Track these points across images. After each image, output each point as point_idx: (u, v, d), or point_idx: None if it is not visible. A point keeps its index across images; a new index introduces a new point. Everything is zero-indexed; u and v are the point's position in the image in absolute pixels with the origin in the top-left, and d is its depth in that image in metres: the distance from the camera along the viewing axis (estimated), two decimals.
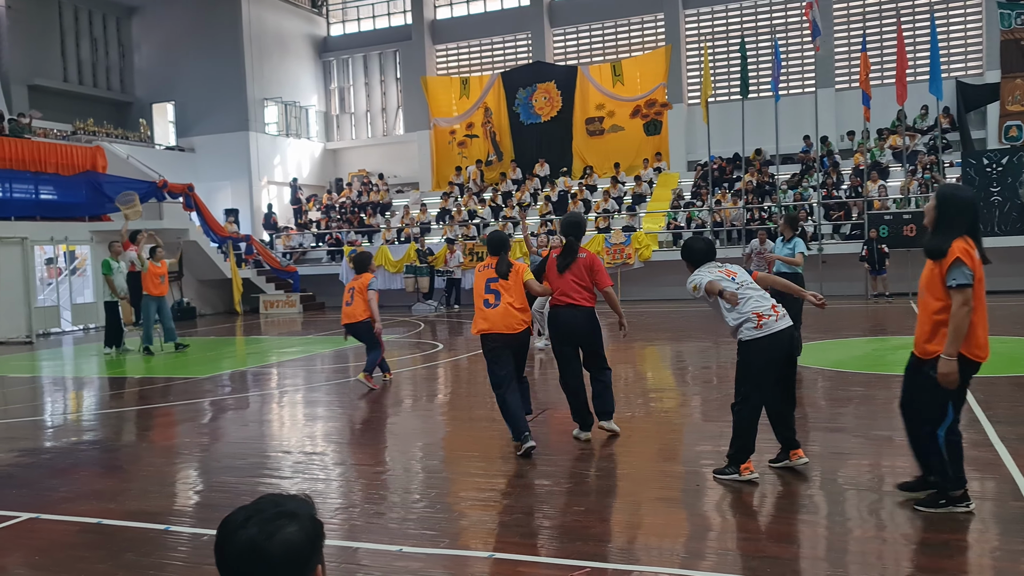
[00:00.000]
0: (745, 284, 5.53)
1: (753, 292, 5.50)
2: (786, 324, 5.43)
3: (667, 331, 15.49)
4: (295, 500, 1.69)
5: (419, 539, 4.70)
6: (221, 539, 1.63)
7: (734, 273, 5.60)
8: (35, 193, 20.11)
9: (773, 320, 5.39)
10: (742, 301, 5.43)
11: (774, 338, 5.36)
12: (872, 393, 8.37)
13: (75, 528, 5.19)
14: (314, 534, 1.65)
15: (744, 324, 5.42)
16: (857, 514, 4.84)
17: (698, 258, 5.77)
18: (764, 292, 5.57)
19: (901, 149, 21.97)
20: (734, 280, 5.53)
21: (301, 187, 29.40)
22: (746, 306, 5.42)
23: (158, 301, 14.46)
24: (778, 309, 5.46)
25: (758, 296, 5.49)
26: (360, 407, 9.16)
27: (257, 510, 1.64)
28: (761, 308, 5.41)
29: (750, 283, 5.57)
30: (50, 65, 26.25)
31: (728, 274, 5.59)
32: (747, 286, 5.52)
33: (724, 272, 5.61)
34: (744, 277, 5.60)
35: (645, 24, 27.65)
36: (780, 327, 5.39)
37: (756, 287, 5.57)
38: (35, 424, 8.91)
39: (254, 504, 1.67)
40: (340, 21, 32.43)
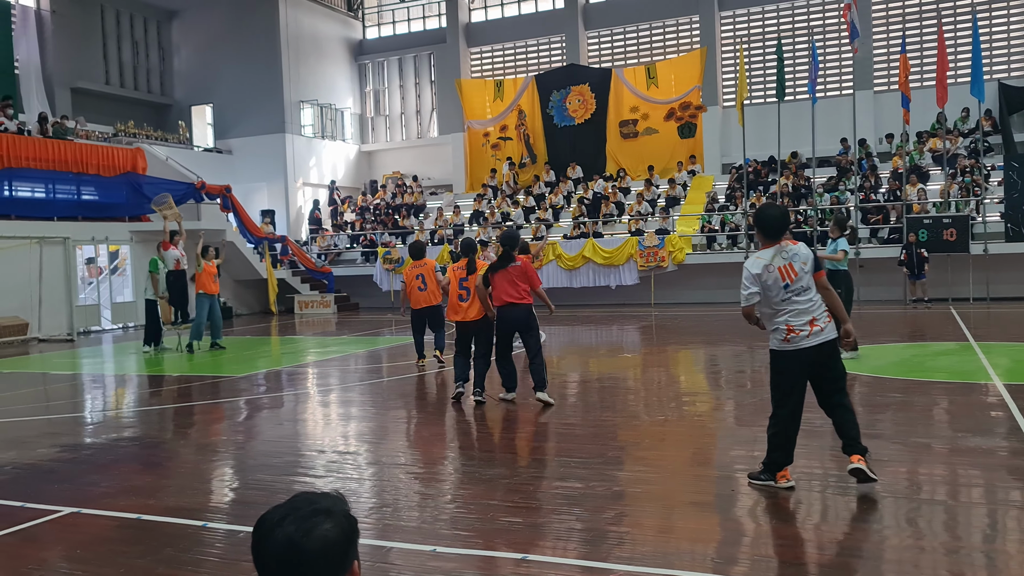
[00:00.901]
0: (799, 289, 5.29)
1: (799, 302, 5.28)
2: (818, 341, 5.25)
3: (701, 334, 15.39)
4: (329, 498, 1.71)
5: (452, 540, 4.72)
6: (258, 537, 1.66)
7: (795, 274, 5.29)
8: (77, 194, 20.53)
9: (804, 336, 5.24)
10: (781, 311, 5.30)
11: (798, 354, 5.27)
12: (911, 399, 8.24)
13: (115, 523, 5.29)
14: (350, 531, 1.67)
15: (775, 333, 5.36)
16: (894, 521, 4.78)
17: (770, 228, 5.41)
18: (811, 303, 5.29)
19: (941, 152, 21.62)
20: (789, 285, 5.27)
21: (338, 188, 29.67)
22: (781, 316, 5.30)
23: (211, 299, 14.73)
24: (817, 324, 5.25)
25: (801, 308, 5.27)
26: (393, 407, 9.22)
27: (293, 508, 1.67)
28: (796, 322, 5.26)
29: (804, 289, 5.29)
30: (92, 68, 26.76)
31: (787, 274, 5.28)
32: (799, 291, 5.29)
33: (786, 268, 5.29)
34: (802, 282, 5.30)
35: (680, 26, 27.50)
36: (808, 344, 5.24)
37: (806, 296, 5.29)
38: (76, 420, 9.10)
39: (290, 502, 1.69)
40: (375, 24, 32.69)
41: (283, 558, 1.61)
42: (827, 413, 5.48)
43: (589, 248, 22.22)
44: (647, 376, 11.03)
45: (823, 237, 20.83)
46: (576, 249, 22.45)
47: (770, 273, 5.29)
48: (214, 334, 15.02)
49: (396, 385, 10.67)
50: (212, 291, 14.79)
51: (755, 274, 5.32)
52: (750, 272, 5.34)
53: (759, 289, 5.32)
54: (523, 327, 8.76)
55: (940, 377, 9.47)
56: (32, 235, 18.27)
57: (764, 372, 10.67)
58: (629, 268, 21.92)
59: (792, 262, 5.31)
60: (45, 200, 19.80)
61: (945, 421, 7.44)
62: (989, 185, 20.65)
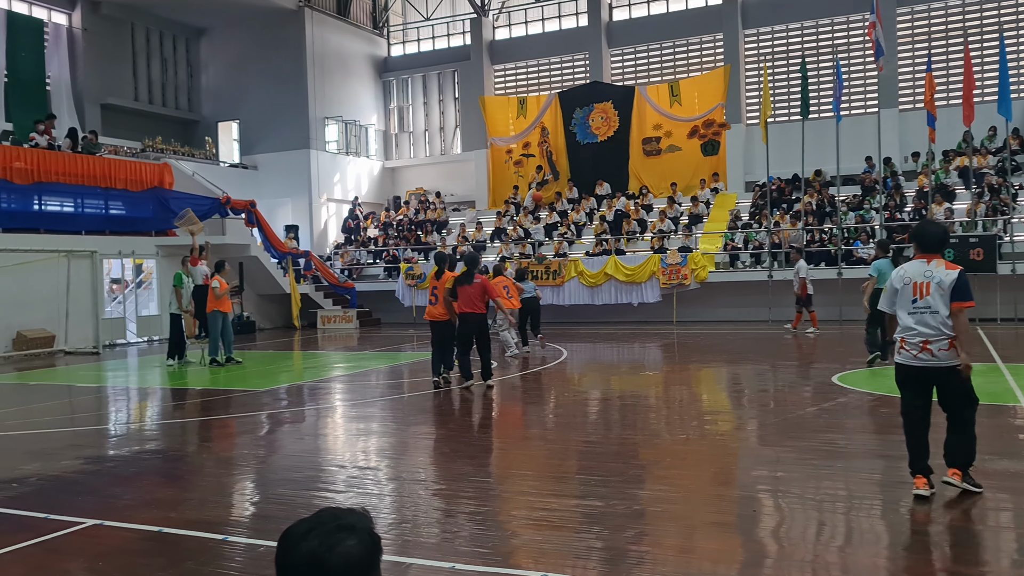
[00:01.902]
0: (923, 308, 5.47)
1: (919, 320, 5.46)
2: (924, 363, 5.47)
3: (723, 353, 15.29)
4: (354, 514, 1.71)
5: (471, 556, 4.70)
6: (282, 551, 1.66)
7: (927, 293, 5.46)
8: (105, 208, 20.83)
9: (911, 355, 5.52)
10: (904, 322, 5.56)
11: (904, 368, 5.61)
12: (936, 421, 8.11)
13: (137, 535, 5.32)
14: (373, 548, 1.67)
15: (896, 340, 5.69)
16: (920, 546, 4.70)
17: (923, 241, 5.64)
18: (929, 326, 5.43)
19: (967, 171, 21.40)
20: (916, 301, 5.49)
21: (360, 204, 29.87)
22: (901, 328, 5.59)
23: (224, 316, 14.88)
24: (928, 348, 5.44)
25: (919, 328, 5.46)
26: (414, 423, 9.22)
27: (318, 523, 1.67)
28: (909, 338, 5.51)
29: (931, 311, 5.44)
30: (122, 85, 27.21)
31: (919, 291, 5.48)
32: (922, 310, 5.47)
33: (920, 286, 5.49)
34: (929, 301, 5.44)
35: (704, 44, 27.52)
36: (915, 363, 5.51)
37: (930, 317, 5.43)
38: (100, 433, 9.18)
39: (314, 517, 1.70)
40: (400, 42, 32.99)
41: (306, 573, 1.62)
42: (948, 428, 5.68)
43: (611, 265, 22.18)
44: (669, 394, 10.96)
45: (847, 256, 20.69)
46: (598, 266, 22.41)
47: (905, 285, 5.57)
48: (227, 349, 15.11)
49: (417, 401, 10.68)
50: (226, 309, 14.99)
51: (896, 282, 5.66)
52: (892, 280, 5.72)
53: (892, 297, 5.67)
54: (478, 332, 11.12)
55: None
56: (60, 248, 18.54)
57: (787, 392, 10.60)
58: (651, 285, 21.84)
59: (930, 282, 5.47)
60: (73, 214, 20.10)
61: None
62: (1017, 204, 20.40)
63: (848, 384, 10.46)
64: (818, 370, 11.98)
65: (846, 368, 11.93)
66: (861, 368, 11.96)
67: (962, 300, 5.43)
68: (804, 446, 7.21)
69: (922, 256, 5.62)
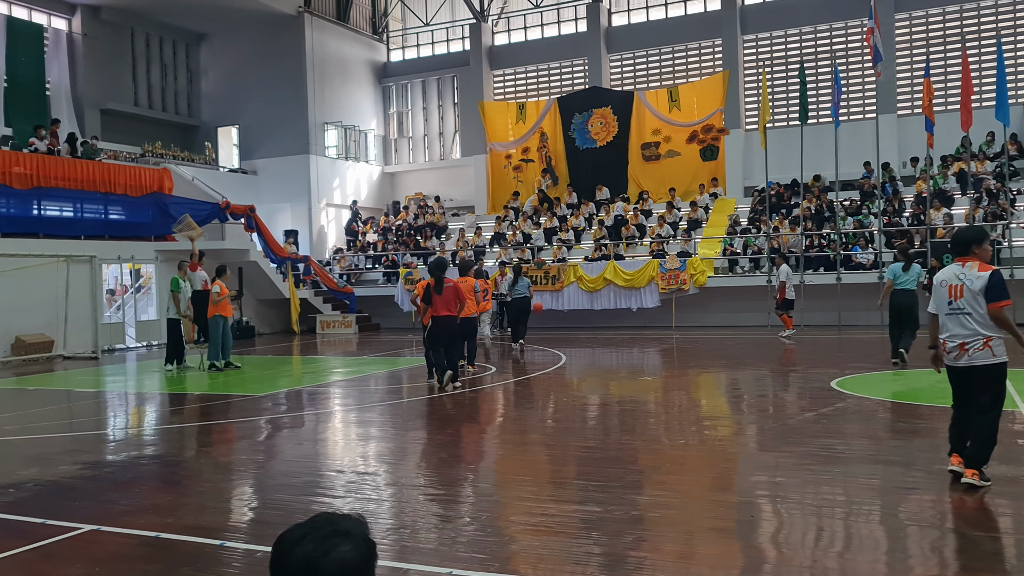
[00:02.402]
0: (957, 311, 5.81)
1: (955, 321, 5.81)
2: (965, 364, 5.80)
3: (722, 358, 15.28)
4: (350, 520, 1.71)
5: (469, 562, 4.70)
6: (277, 555, 1.66)
7: (960, 296, 5.79)
8: (104, 213, 20.83)
9: (952, 358, 5.88)
10: (943, 325, 5.94)
11: (949, 369, 5.99)
12: (935, 426, 8.12)
13: (134, 541, 5.31)
14: (368, 554, 1.67)
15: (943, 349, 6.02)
16: (919, 551, 4.70)
17: (957, 247, 6.01)
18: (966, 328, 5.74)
19: (966, 176, 21.42)
20: (952, 303, 5.83)
21: (359, 210, 29.87)
22: (943, 331, 5.97)
23: (225, 321, 14.92)
24: (967, 349, 5.76)
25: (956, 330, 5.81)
26: (413, 428, 9.21)
27: (313, 527, 1.67)
28: (948, 340, 5.88)
29: (964, 311, 5.77)
30: (122, 90, 27.22)
31: (953, 293, 5.83)
32: (958, 311, 5.80)
33: (954, 288, 5.82)
34: (964, 303, 5.77)
35: (703, 49, 27.56)
36: (956, 364, 5.87)
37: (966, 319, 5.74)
38: (98, 438, 9.17)
39: (309, 522, 1.69)
40: (400, 47, 33.04)
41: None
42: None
43: (610, 270, 22.18)
44: (668, 399, 10.96)
45: (846, 261, 20.70)
46: (597, 271, 22.42)
47: (942, 287, 5.94)
48: (225, 354, 15.10)
49: (416, 406, 10.68)
50: (227, 313, 15.02)
51: (936, 285, 6.02)
52: (935, 283, 6.07)
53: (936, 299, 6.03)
54: (457, 333, 11.88)
55: None
56: (59, 253, 18.53)
57: (786, 397, 10.60)
58: (650, 291, 21.84)
59: (963, 284, 5.79)
60: (73, 219, 20.10)
61: None
62: (1015, 210, 20.41)
63: (847, 389, 10.46)
64: (817, 375, 11.98)
65: (845, 373, 11.92)
66: (860, 372, 11.96)
67: (996, 300, 5.65)
68: (803, 451, 7.20)
69: (958, 260, 5.95)
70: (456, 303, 11.73)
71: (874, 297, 20.00)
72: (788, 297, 18.38)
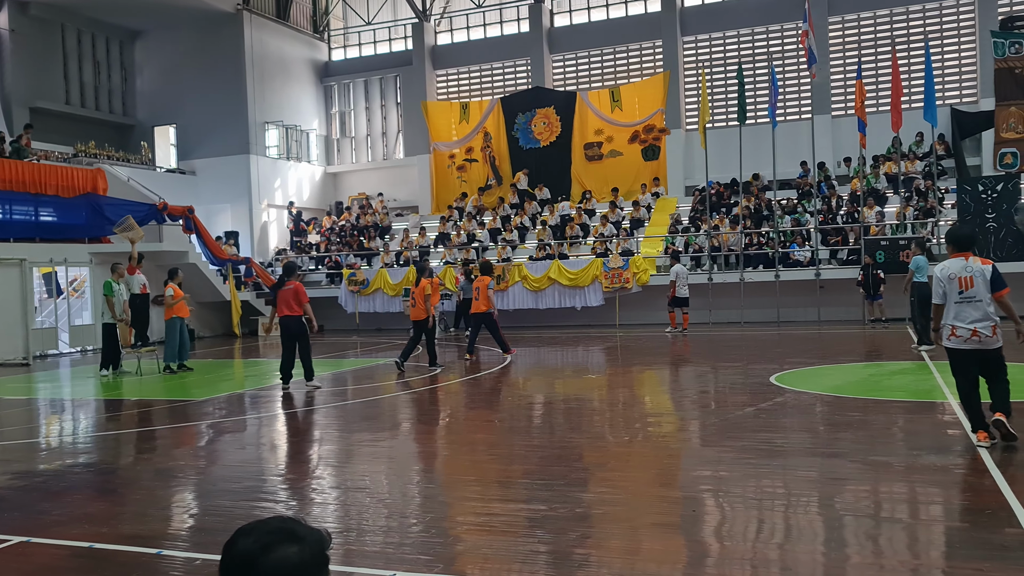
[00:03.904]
0: (970, 299, 6.63)
1: (968, 308, 6.62)
2: (973, 347, 6.64)
3: (665, 355, 15.48)
4: (308, 529, 1.67)
5: (414, 564, 4.67)
6: (225, 548, 1.63)
7: (971, 285, 6.62)
8: (35, 215, 20.15)
9: (962, 340, 6.66)
10: (951, 312, 6.69)
11: (957, 352, 6.76)
12: (869, 418, 8.35)
13: (66, 552, 5.15)
14: (313, 564, 1.62)
15: (944, 328, 6.81)
16: (856, 540, 4.82)
17: (959, 241, 6.88)
18: (977, 312, 6.58)
19: (896, 175, 22.09)
20: (963, 292, 6.63)
21: (301, 211, 29.47)
22: (949, 316, 6.72)
23: (182, 322, 14.82)
24: (978, 335, 6.59)
25: (966, 315, 6.62)
26: (357, 430, 9.13)
27: (264, 523, 1.64)
28: (959, 324, 6.66)
29: (976, 299, 6.61)
30: (52, 88, 26.40)
31: (963, 284, 6.65)
32: (970, 299, 6.63)
33: (964, 279, 6.66)
34: (975, 291, 6.61)
35: (644, 51, 27.88)
36: (966, 347, 6.67)
37: (977, 305, 6.60)
38: (29, 447, 8.87)
39: (267, 519, 1.66)
40: (341, 46, 32.71)
41: (237, 569, 1.58)
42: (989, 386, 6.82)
43: (554, 270, 22.29)
44: (612, 397, 11.06)
45: (784, 258, 21.16)
46: (542, 271, 22.51)
47: (951, 279, 6.71)
48: (181, 356, 14.90)
49: (360, 408, 10.58)
50: (186, 313, 14.92)
51: (943, 278, 6.74)
52: (939, 276, 6.79)
53: (944, 291, 6.74)
54: (296, 332, 11.99)
55: (897, 396, 9.62)
56: None
57: (727, 392, 10.79)
58: (594, 289, 22.02)
59: (973, 275, 6.65)
60: (1, 221, 19.40)
61: (903, 440, 7.55)
62: (943, 208, 21.12)
63: (785, 384, 10.69)
64: (756, 370, 12.22)
65: (784, 368, 12.19)
66: (798, 368, 12.24)
67: (1000, 289, 6.66)
68: (743, 446, 7.34)
69: (958, 255, 6.83)
70: (298, 303, 11.98)
71: (810, 293, 20.55)
72: (679, 295, 19.28)
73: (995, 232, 19.24)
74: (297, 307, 11.99)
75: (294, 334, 12.08)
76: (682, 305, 19.38)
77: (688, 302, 19.49)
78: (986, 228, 19.33)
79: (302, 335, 12.04)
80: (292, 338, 12.09)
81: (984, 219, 19.43)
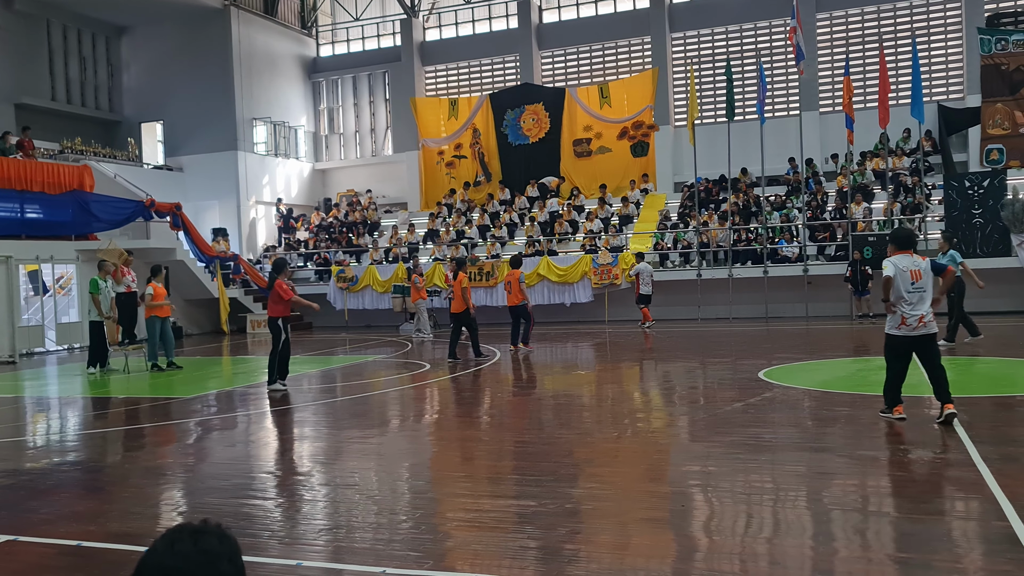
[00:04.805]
0: (919, 290, 7.44)
1: (918, 299, 7.44)
2: (922, 334, 7.47)
3: (654, 351, 15.52)
4: (219, 537, 1.72)
5: (403, 560, 4.67)
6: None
7: (920, 276, 7.45)
8: (20, 212, 19.99)
9: (911, 329, 7.47)
10: (905, 304, 7.46)
11: (903, 339, 7.56)
12: (857, 413, 8.40)
13: (54, 551, 5.12)
14: (226, 553, 1.67)
15: (891, 319, 7.59)
16: (843, 534, 4.85)
17: (903, 240, 7.72)
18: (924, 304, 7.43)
19: (883, 171, 22.19)
20: (915, 283, 7.45)
21: (290, 207, 29.37)
22: (903, 308, 7.48)
23: (163, 321, 14.76)
24: (925, 321, 7.44)
25: (917, 307, 7.43)
26: (346, 427, 9.11)
27: (177, 529, 1.70)
28: (910, 314, 7.45)
29: (924, 290, 7.46)
30: (38, 84, 26.21)
31: (914, 276, 7.45)
32: (920, 291, 7.44)
33: (913, 272, 7.46)
34: (923, 283, 7.46)
35: (632, 47, 27.90)
36: (914, 334, 7.48)
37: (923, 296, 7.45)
38: (16, 445, 8.82)
39: (179, 527, 1.71)
40: (330, 42, 32.60)
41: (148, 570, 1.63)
42: (927, 374, 7.65)
43: (543, 266, 22.30)
44: (601, 393, 11.08)
45: (772, 254, 21.22)
46: (531, 267, 22.51)
47: (904, 272, 7.47)
48: (168, 353, 14.85)
49: (350, 405, 10.57)
50: (165, 313, 14.80)
51: (895, 265, 7.49)
52: (897, 266, 7.49)
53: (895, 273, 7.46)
54: (273, 331, 11.90)
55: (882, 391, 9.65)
56: None
57: (716, 388, 10.83)
58: (583, 286, 22.05)
59: (920, 269, 7.50)
60: None
61: (889, 434, 7.59)
62: (930, 204, 21.24)
63: (773, 379, 10.73)
64: (745, 366, 12.26)
65: (772, 364, 12.24)
66: (786, 363, 12.29)
67: (943, 270, 7.80)
68: (732, 441, 7.37)
69: (903, 252, 7.66)
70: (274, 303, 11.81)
71: (798, 288, 20.63)
72: (643, 292, 19.69)
73: (981, 228, 19.37)
74: (275, 307, 11.81)
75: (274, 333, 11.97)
76: (645, 302, 19.86)
77: (650, 299, 19.92)
78: (972, 224, 19.46)
79: (276, 334, 11.85)
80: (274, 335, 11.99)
81: (971, 215, 19.55)
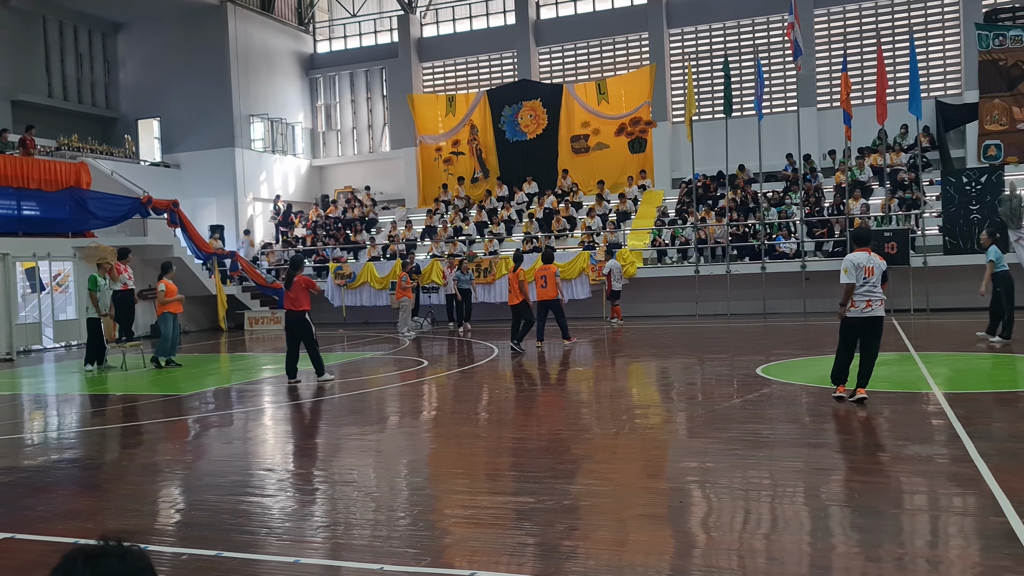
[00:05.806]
0: (871, 283, 8.34)
1: (868, 291, 8.34)
2: (871, 315, 8.36)
3: (652, 347, 15.52)
4: (129, 554, 1.72)
5: (401, 557, 4.67)
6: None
7: (872, 273, 8.34)
8: (17, 209, 19.95)
9: (859, 311, 8.40)
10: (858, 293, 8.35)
11: (854, 320, 8.46)
12: (854, 408, 8.40)
13: (51, 548, 5.11)
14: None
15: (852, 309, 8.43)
16: (841, 530, 4.85)
17: (861, 239, 8.62)
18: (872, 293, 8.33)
19: (881, 167, 22.20)
20: (867, 279, 8.31)
21: (289, 204, 29.34)
22: (859, 298, 8.37)
23: (174, 317, 14.93)
24: (871, 306, 8.34)
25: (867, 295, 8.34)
26: (344, 424, 9.11)
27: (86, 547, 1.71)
28: (860, 300, 8.38)
29: (873, 285, 8.35)
30: (34, 81, 26.15)
31: (868, 272, 8.32)
32: (872, 285, 8.35)
33: (868, 269, 8.33)
34: (874, 279, 8.35)
35: (630, 43, 27.88)
36: (862, 315, 8.37)
37: (874, 288, 8.35)
38: (13, 442, 8.81)
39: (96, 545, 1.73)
40: (327, 39, 32.54)
41: None
42: (860, 354, 8.56)
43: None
44: (599, 389, 11.08)
45: (770, 250, 21.23)
46: (528, 264, 22.48)
47: (860, 268, 8.34)
48: (171, 351, 14.87)
49: (347, 402, 10.56)
50: (178, 309, 14.97)
51: (856, 264, 8.32)
52: (853, 263, 8.35)
53: (854, 274, 8.28)
54: (297, 327, 11.85)
55: (882, 387, 9.66)
56: None
57: (714, 384, 10.84)
58: (581, 282, 22.04)
59: (873, 266, 8.37)
60: None
61: (887, 430, 7.60)
62: (928, 199, 21.25)
63: (771, 375, 10.74)
64: (743, 362, 12.27)
65: (770, 360, 12.24)
66: (783, 359, 12.30)
67: (885, 281, 8.54)
68: (730, 437, 7.37)
69: (862, 249, 8.53)
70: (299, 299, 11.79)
71: (796, 284, 20.64)
72: (615, 288, 20.12)
73: (979, 224, 19.36)
74: (299, 302, 11.80)
75: (294, 329, 11.94)
76: (615, 299, 20.27)
77: (619, 295, 20.39)
78: (970, 220, 19.47)
79: (301, 329, 11.82)
80: (293, 333, 11.97)
81: (968, 211, 19.57)
